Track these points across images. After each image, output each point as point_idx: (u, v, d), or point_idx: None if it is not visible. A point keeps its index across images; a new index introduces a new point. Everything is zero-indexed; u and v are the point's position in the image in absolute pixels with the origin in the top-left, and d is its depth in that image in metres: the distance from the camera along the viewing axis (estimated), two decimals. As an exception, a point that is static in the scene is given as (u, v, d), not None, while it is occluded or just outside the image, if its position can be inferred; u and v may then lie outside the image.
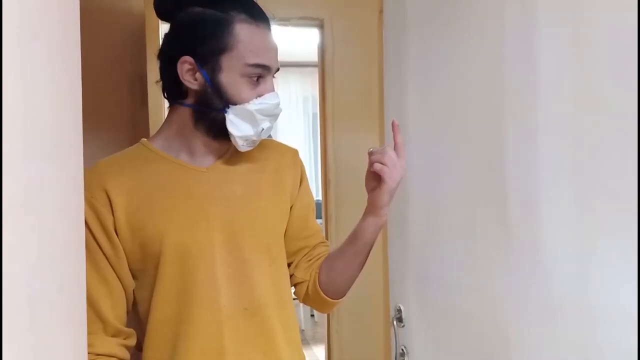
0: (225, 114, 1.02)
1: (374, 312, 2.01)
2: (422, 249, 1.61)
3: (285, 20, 2.09)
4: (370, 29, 2.09)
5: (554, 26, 1.07)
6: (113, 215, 1.01)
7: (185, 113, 1.06)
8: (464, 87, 1.39)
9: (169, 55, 1.04)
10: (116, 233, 1.02)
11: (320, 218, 2.06)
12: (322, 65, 2.13)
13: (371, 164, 1.11)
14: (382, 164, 1.10)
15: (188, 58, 1.01)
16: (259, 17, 1.03)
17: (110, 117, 1.75)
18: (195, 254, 1.03)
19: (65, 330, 0.49)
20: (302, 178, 1.22)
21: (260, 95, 1.03)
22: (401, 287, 1.73)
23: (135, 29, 1.73)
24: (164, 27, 1.81)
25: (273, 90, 1.05)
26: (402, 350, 1.63)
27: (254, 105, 1.02)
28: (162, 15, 1.08)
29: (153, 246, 1.02)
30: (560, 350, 1.06)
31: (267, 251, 1.11)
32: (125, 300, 1.04)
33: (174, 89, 1.06)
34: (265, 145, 1.18)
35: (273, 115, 1.05)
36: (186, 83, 1.02)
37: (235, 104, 1.02)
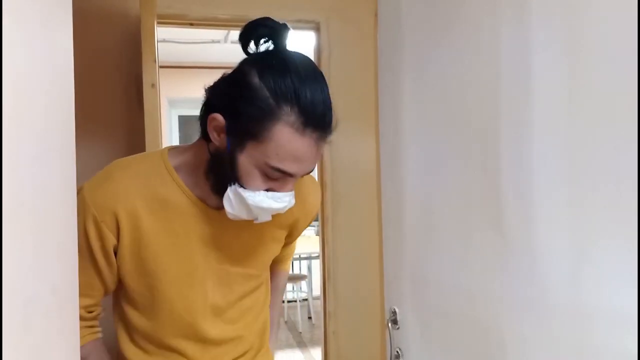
0: (228, 188, 0.95)
1: (370, 314, 2.01)
2: (417, 251, 1.61)
3: (281, 23, 2.10)
4: (366, 32, 2.10)
5: (548, 28, 1.07)
6: (118, 240, 1.01)
7: (206, 153, 1.00)
8: (458, 90, 1.40)
9: (210, 97, 0.99)
10: (115, 254, 1.04)
11: (317, 220, 2.06)
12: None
13: None
14: None
15: (221, 118, 0.93)
16: (312, 125, 0.88)
17: (106, 120, 1.75)
18: (187, 290, 1.09)
19: (60, 331, 0.49)
20: (306, 216, 1.22)
21: (270, 190, 0.94)
22: (396, 289, 1.74)
23: (131, 31, 1.73)
24: (159, 30, 1.82)
25: (287, 191, 0.95)
26: (397, 352, 1.63)
27: (252, 197, 0.93)
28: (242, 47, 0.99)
29: (149, 277, 1.05)
30: (556, 351, 1.06)
31: (256, 277, 1.19)
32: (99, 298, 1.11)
33: (204, 127, 0.99)
34: (298, 187, 1.14)
35: (275, 212, 0.97)
36: (210, 135, 0.96)
37: (242, 186, 0.94)
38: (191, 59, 4.62)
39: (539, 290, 1.10)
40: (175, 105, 5.16)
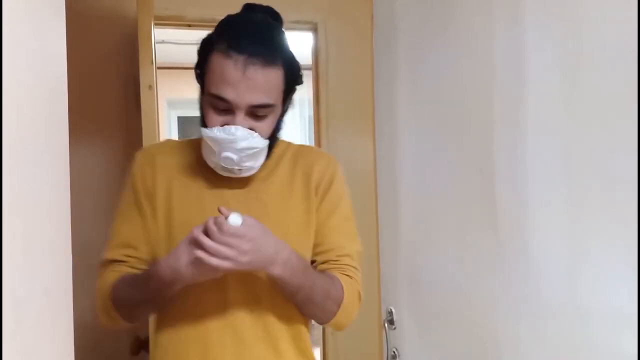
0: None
1: (367, 315, 2.01)
2: (413, 252, 1.61)
3: (279, 24, 2.10)
4: (363, 32, 2.10)
5: (543, 29, 1.08)
6: (155, 189, 1.12)
7: None
8: (454, 91, 1.40)
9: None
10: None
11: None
12: (316, 69, 2.13)
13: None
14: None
15: (198, 72, 1.07)
16: (238, 49, 0.97)
17: (104, 122, 1.75)
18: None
19: (52, 332, 0.49)
20: (328, 190, 1.14)
21: (224, 125, 1.00)
22: (393, 290, 1.74)
23: (129, 33, 1.73)
24: (157, 32, 1.82)
25: (236, 124, 0.99)
26: (394, 352, 1.63)
27: (206, 132, 1.01)
28: None
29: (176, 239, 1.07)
30: (551, 351, 1.06)
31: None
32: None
33: None
34: (299, 156, 1.16)
35: (232, 148, 0.99)
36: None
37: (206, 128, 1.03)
38: (191, 60, 4.62)
39: (534, 290, 1.10)
40: (175, 106, 5.15)
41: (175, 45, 4.21)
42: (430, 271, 1.52)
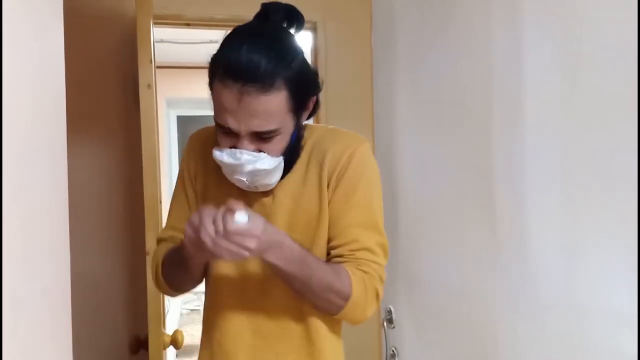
0: None
1: (367, 314, 2.01)
2: (412, 250, 1.61)
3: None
4: (362, 32, 2.10)
5: (541, 29, 1.08)
6: (197, 172, 1.17)
7: None
8: (452, 90, 1.40)
9: None
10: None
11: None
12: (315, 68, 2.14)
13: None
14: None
15: None
16: (233, 76, 0.93)
17: (102, 121, 1.75)
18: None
19: (51, 332, 0.49)
20: (342, 177, 1.08)
21: (232, 147, 1.00)
22: (391, 289, 1.74)
23: (128, 32, 1.73)
24: (158, 31, 1.81)
25: (244, 148, 0.98)
26: (393, 351, 1.64)
27: (215, 155, 1.02)
28: None
29: None
30: (549, 349, 1.06)
31: None
32: None
33: None
34: (317, 143, 1.12)
35: (240, 172, 0.99)
36: None
37: None
38: (190, 60, 4.62)
39: (532, 289, 1.10)
40: (174, 105, 5.15)
41: (174, 44, 4.21)
42: (429, 270, 1.52)
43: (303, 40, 2.21)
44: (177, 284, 1.19)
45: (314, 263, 1.02)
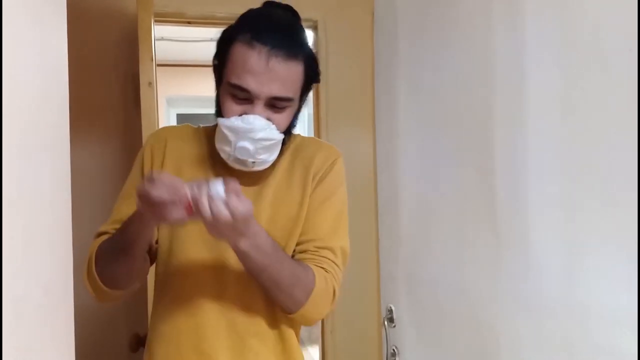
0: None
1: (367, 313, 2.01)
2: (413, 250, 1.61)
3: (279, 22, 2.10)
4: (363, 30, 2.10)
5: (542, 29, 1.07)
6: (162, 165, 1.13)
7: None
8: (453, 89, 1.40)
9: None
10: None
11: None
12: (316, 67, 2.13)
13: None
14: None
15: (215, 65, 1.08)
16: (262, 40, 0.98)
17: (103, 119, 1.75)
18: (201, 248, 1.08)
19: (52, 329, 0.49)
20: (323, 179, 1.11)
21: (242, 114, 1.00)
22: (392, 288, 1.74)
23: (129, 30, 1.73)
24: (158, 29, 1.81)
25: (255, 114, 0.99)
26: (394, 350, 1.64)
27: (223, 121, 1.01)
28: None
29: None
30: (549, 349, 1.06)
31: None
32: None
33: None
34: (301, 148, 1.15)
35: (248, 138, 0.99)
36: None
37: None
38: (190, 58, 4.61)
39: (533, 289, 1.10)
40: (174, 103, 5.15)
41: (175, 42, 4.20)
42: (429, 269, 1.52)
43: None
44: (111, 274, 1.05)
45: (283, 257, 1.02)
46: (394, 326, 1.67)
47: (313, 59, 1.07)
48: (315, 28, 2.15)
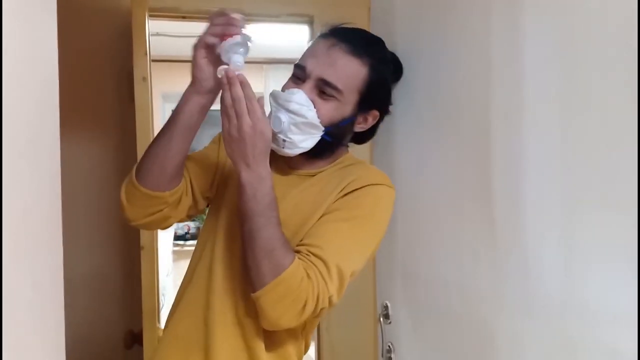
0: None
1: (363, 309, 2.01)
2: (409, 246, 1.61)
3: (274, 17, 2.08)
4: (360, 26, 2.09)
5: (541, 25, 1.07)
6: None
7: None
8: (451, 86, 1.39)
9: None
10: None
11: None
12: (312, 62, 2.13)
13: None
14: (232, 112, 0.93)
15: None
16: (335, 33, 1.10)
17: (97, 115, 1.74)
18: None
19: (41, 327, 0.48)
20: (348, 194, 1.06)
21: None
22: (388, 284, 1.74)
23: (123, 25, 1.71)
24: (151, 24, 1.80)
25: (299, 89, 1.05)
26: (389, 346, 1.63)
27: (272, 91, 1.07)
28: None
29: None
30: (546, 347, 1.06)
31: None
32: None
33: None
34: (351, 167, 1.14)
35: (285, 108, 1.03)
36: None
37: None
38: (186, 53, 4.59)
39: (530, 286, 1.10)
40: (170, 99, 5.12)
41: (171, 37, 4.18)
42: (426, 266, 1.52)
43: (299, 34, 2.20)
44: (147, 162, 1.02)
45: (274, 220, 0.95)
46: (390, 323, 1.67)
47: (383, 80, 1.13)
48: (311, 23, 2.14)
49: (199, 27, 1.09)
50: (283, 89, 1.09)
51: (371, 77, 1.09)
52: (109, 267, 1.76)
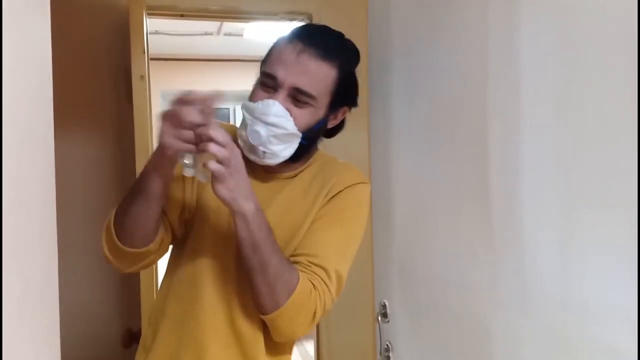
0: None
1: (361, 308, 2.01)
2: (407, 245, 1.61)
3: (273, 14, 2.08)
4: (357, 25, 2.08)
5: (538, 25, 1.07)
6: None
7: None
8: (448, 84, 1.39)
9: None
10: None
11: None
12: (311, 60, 2.12)
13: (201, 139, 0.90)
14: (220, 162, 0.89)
15: None
16: (300, 37, 1.05)
17: (94, 114, 1.73)
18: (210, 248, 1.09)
19: (34, 330, 0.48)
20: (334, 197, 1.09)
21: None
22: (386, 283, 1.74)
23: (120, 23, 1.71)
24: (152, 22, 1.79)
25: (276, 99, 1.01)
26: (387, 345, 1.63)
27: (244, 103, 1.04)
28: None
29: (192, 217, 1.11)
30: (542, 344, 1.06)
31: None
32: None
33: None
34: (326, 166, 1.15)
35: (263, 121, 1.01)
36: None
37: None
38: (184, 52, 4.58)
39: (527, 284, 1.10)
40: (169, 98, 5.13)
41: (171, 36, 4.17)
42: (423, 264, 1.52)
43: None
44: (128, 222, 1.01)
45: (275, 244, 0.98)
46: (388, 321, 1.66)
47: (349, 77, 1.10)
48: (309, 21, 2.14)
49: (200, 26, 1.08)
50: (253, 99, 1.05)
51: (340, 77, 1.08)
52: (106, 265, 1.76)
